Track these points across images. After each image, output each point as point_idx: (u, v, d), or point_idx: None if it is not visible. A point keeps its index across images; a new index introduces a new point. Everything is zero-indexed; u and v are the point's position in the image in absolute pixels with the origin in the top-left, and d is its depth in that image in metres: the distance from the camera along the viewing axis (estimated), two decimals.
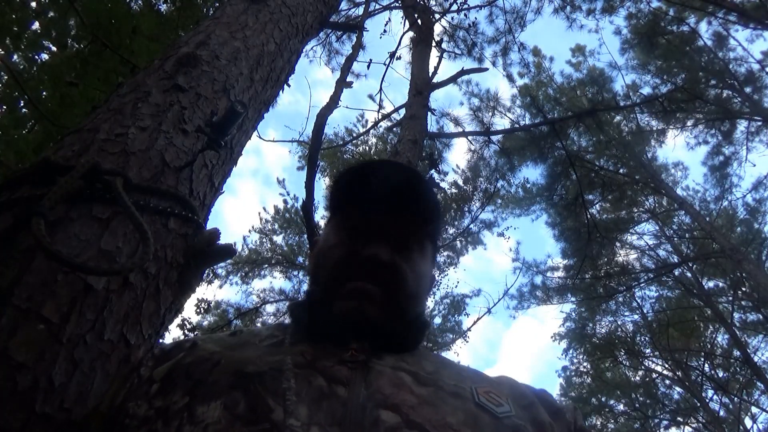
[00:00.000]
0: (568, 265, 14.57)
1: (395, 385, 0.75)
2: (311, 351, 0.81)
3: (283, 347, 0.83)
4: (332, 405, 0.70)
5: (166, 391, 0.76)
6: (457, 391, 0.77)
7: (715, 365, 15.09)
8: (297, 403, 0.69)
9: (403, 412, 0.70)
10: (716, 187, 14.35)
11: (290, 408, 0.67)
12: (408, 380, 0.77)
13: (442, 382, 0.79)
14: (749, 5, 10.71)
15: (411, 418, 0.69)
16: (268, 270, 13.65)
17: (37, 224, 0.89)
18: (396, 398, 0.72)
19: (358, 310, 0.84)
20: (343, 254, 0.91)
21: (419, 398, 0.73)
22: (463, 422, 0.71)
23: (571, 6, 10.14)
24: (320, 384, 0.73)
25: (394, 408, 0.70)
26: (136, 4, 5.25)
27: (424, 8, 9.11)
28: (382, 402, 0.71)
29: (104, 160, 1.26)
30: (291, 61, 2.41)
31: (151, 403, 0.75)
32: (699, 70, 12.76)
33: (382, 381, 0.75)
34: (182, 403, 0.72)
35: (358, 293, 0.86)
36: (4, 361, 0.88)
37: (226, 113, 1.38)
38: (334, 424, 0.67)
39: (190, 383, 0.75)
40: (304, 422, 0.66)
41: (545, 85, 14.15)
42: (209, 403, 0.70)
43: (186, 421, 0.69)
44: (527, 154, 10.42)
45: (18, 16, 4.14)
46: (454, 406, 0.74)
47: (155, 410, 0.73)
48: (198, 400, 0.71)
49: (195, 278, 1.37)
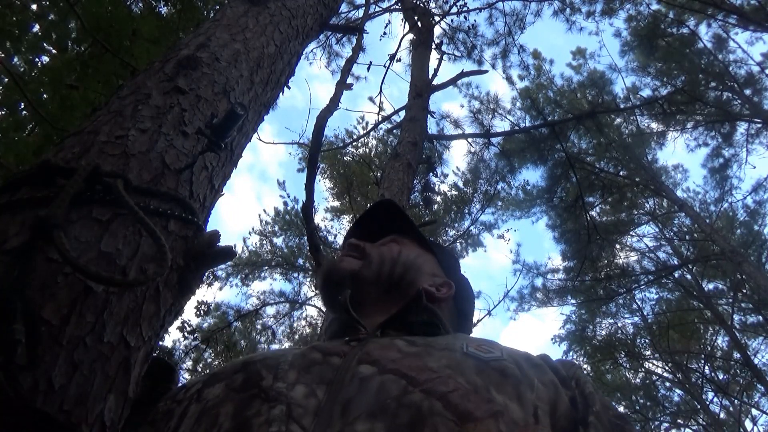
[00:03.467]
0: (568, 267, 14.56)
1: (384, 347, 0.77)
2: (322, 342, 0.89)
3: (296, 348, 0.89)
4: (323, 370, 0.73)
5: (189, 389, 0.84)
6: (446, 347, 0.78)
7: (715, 367, 15.08)
8: (287, 370, 0.73)
9: (380, 364, 0.71)
10: (716, 189, 14.35)
11: (280, 375, 0.72)
12: (400, 344, 0.79)
13: (435, 342, 0.80)
14: (749, 7, 10.72)
15: (387, 366, 0.70)
16: (268, 272, 13.68)
17: (59, 238, 0.90)
18: (378, 355, 0.74)
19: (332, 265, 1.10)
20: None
21: (404, 354, 0.75)
22: (446, 365, 0.71)
23: (571, 8, 10.16)
24: (315, 356, 0.78)
25: (373, 362, 0.72)
26: (136, 7, 5.26)
27: (424, 10, 9.13)
28: (364, 360, 0.73)
29: (104, 162, 1.26)
30: (291, 63, 2.41)
31: (175, 398, 0.84)
32: (699, 72, 12.76)
33: (372, 346, 0.78)
34: (195, 389, 0.80)
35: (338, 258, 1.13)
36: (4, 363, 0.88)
37: (226, 115, 1.39)
38: (321, 383, 0.70)
39: (208, 376, 0.83)
40: (290, 383, 0.70)
41: (545, 88, 14.15)
42: (214, 385, 0.77)
43: (194, 401, 0.76)
44: (527, 156, 10.41)
45: (18, 18, 4.15)
46: (438, 355, 0.74)
47: (176, 401, 0.82)
48: (207, 385, 0.79)
49: (195, 280, 1.37)
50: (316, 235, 3.72)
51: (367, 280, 1.04)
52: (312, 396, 0.67)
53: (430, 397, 0.64)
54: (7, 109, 4.37)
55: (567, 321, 16.90)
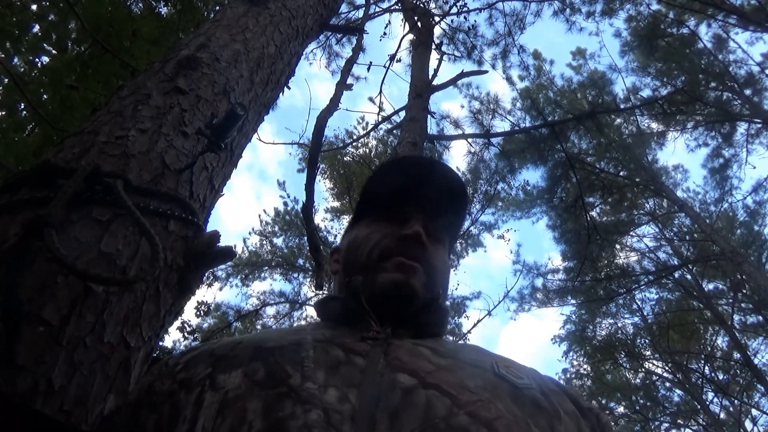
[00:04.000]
0: (568, 268, 14.55)
1: (413, 355, 0.76)
2: (332, 332, 0.84)
3: (305, 331, 0.85)
4: (350, 371, 0.71)
5: (189, 367, 0.79)
6: (476, 363, 0.77)
7: (715, 367, 15.07)
8: (314, 369, 0.71)
9: (420, 375, 0.70)
10: (716, 190, 14.34)
11: (308, 373, 0.69)
12: (426, 352, 0.78)
13: (461, 355, 0.80)
14: (749, 8, 10.72)
15: (428, 380, 0.69)
16: (268, 272, 13.68)
17: (50, 237, 0.90)
18: (413, 364, 0.72)
19: (406, 281, 0.89)
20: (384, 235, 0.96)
21: (437, 366, 0.73)
22: (482, 387, 0.70)
23: (571, 9, 10.16)
24: (338, 354, 0.75)
25: (411, 372, 0.70)
26: (136, 7, 5.26)
27: (424, 11, 9.13)
28: (399, 367, 0.71)
29: (104, 162, 1.26)
30: (291, 64, 2.41)
31: (174, 378, 0.78)
32: (699, 73, 12.75)
33: (399, 351, 0.76)
34: (204, 373, 0.75)
35: (404, 267, 0.91)
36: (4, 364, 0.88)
37: (226, 115, 1.39)
38: (351, 386, 0.68)
39: (213, 359, 0.78)
40: (320, 384, 0.68)
41: (545, 88, 14.14)
42: (230, 372, 0.73)
43: (207, 387, 0.72)
44: (527, 157, 10.41)
45: (18, 19, 4.14)
46: (472, 373, 0.73)
47: (178, 383, 0.76)
48: (219, 370, 0.74)
49: (195, 280, 1.37)
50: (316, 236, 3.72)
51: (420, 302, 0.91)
52: (345, 401, 0.65)
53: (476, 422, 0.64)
54: (7, 109, 4.37)
55: (567, 321, 16.92)
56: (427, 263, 0.93)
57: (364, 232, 1.00)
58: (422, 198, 1.02)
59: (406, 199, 1.02)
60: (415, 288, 0.89)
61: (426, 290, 0.91)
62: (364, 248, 0.96)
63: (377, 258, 0.93)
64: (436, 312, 0.93)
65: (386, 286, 0.89)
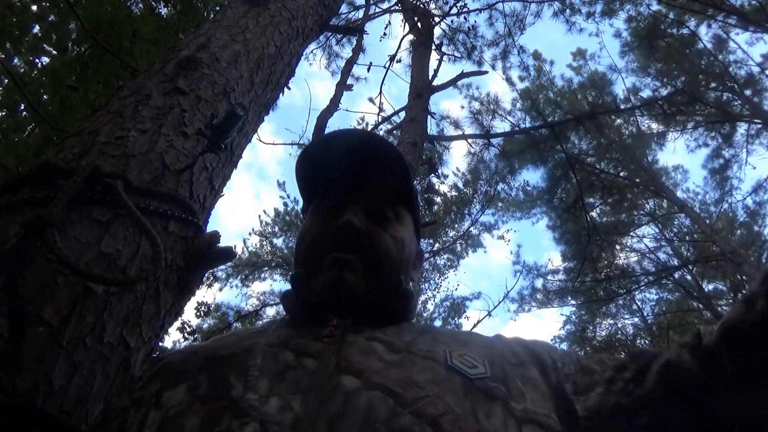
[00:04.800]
0: (569, 268, 14.56)
1: (364, 353, 0.73)
2: (289, 333, 0.81)
3: (263, 333, 0.82)
4: (297, 376, 0.69)
5: (147, 384, 0.77)
6: (428, 355, 0.74)
7: None
8: (258, 377, 0.68)
9: (365, 376, 0.68)
10: (716, 190, 14.34)
11: (251, 383, 0.67)
12: (379, 348, 0.75)
13: (416, 348, 0.76)
14: (749, 8, 10.72)
15: (372, 380, 0.67)
16: (268, 273, 13.67)
17: (52, 236, 0.89)
18: (361, 364, 0.70)
19: (339, 279, 0.84)
20: (319, 229, 0.93)
21: (387, 363, 0.71)
22: (432, 380, 0.68)
23: (571, 9, 10.15)
24: (287, 359, 0.72)
25: (357, 373, 0.68)
26: (136, 8, 5.26)
27: (424, 11, 9.12)
28: (345, 368, 0.69)
29: (104, 162, 1.26)
30: (291, 64, 2.41)
31: (131, 394, 0.76)
32: (699, 73, 12.76)
33: (351, 350, 0.74)
34: (154, 390, 0.73)
35: (337, 263, 0.86)
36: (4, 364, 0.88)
37: (226, 116, 1.39)
38: (296, 393, 0.65)
39: (164, 374, 0.76)
40: (262, 395, 0.65)
41: (545, 89, 14.15)
42: (175, 387, 0.71)
43: (153, 406, 0.70)
44: (527, 157, 10.40)
45: (18, 19, 4.15)
46: (422, 366, 0.71)
47: (132, 400, 0.74)
48: (166, 386, 0.72)
49: (195, 281, 1.37)
50: None
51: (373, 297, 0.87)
52: (287, 409, 0.63)
53: (420, 421, 0.62)
54: (7, 110, 4.37)
55: (567, 322, 16.93)
56: (370, 249, 0.88)
57: (306, 224, 0.97)
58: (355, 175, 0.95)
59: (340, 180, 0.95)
60: (350, 284, 0.84)
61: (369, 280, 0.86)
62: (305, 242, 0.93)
63: (313, 259, 0.90)
64: (401, 299, 0.91)
65: (321, 289, 0.85)
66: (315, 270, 0.88)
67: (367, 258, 0.87)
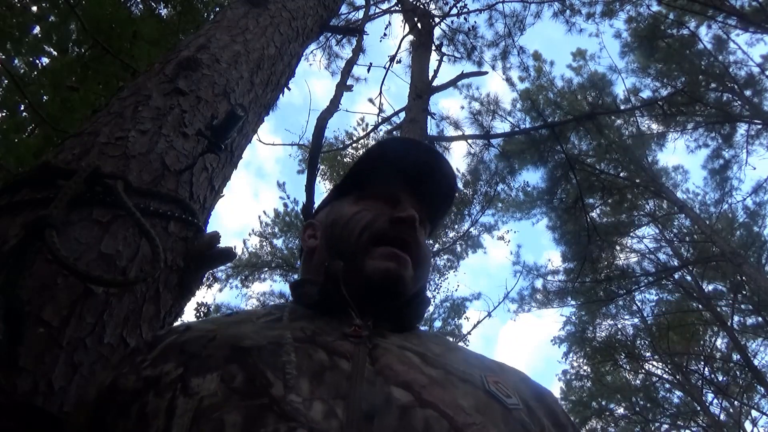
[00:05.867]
0: (569, 269, 14.55)
1: (404, 363, 0.71)
2: (311, 327, 0.78)
3: (281, 323, 0.80)
4: (335, 378, 0.66)
5: (157, 362, 0.71)
6: (466, 377, 0.73)
7: (715, 369, 15.06)
8: (297, 377, 0.65)
9: (415, 390, 0.66)
10: (716, 191, 14.34)
11: (291, 382, 0.64)
12: (416, 360, 0.74)
13: (451, 366, 0.75)
14: (749, 9, 10.73)
15: (424, 396, 0.65)
16: (268, 273, 13.66)
17: (51, 237, 0.89)
18: (407, 376, 0.68)
19: (397, 272, 0.85)
20: (376, 214, 0.92)
21: (430, 378, 0.70)
22: (474, 407, 0.67)
23: (571, 10, 10.16)
24: (322, 358, 0.69)
25: (406, 386, 0.66)
26: (137, 9, 5.26)
27: (424, 12, 9.13)
28: (392, 378, 0.67)
29: (105, 163, 1.27)
30: (291, 65, 2.41)
31: (139, 373, 0.70)
32: (699, 74, 12.76)
33: (389, 357, 0.72)
34: (175, 374, 0.67)
35: (397, 257, 0.87)
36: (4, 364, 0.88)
37: (226, 117, 1.39)
38: (338, 398, 0.63)
39: (184, 357, 0.70)
40: (305, 397, 0.62)
41: (545, 89, 14.15)
42: (205, 375, 0.66)
43: (180, 392, 0.64)
44: (527, 158, 10.40)
45: (19, 20, 4.15)
46: (464, 390, 0.70)
47: (144, 380, 0.69)
48: (192, 372, 0.67)
49: (195, 281, 1.37)
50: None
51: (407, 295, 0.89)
52: (332, 416, 0.60)
53: None
54: (7, 110, 4.37)
55: (567, 322, 16.92)
56: (416, 253, 0.90)
57: (352, 209, 0.94)
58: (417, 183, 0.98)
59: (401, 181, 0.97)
60: (406, 280, 0.86)
61: (413, 283, 0.89)
62: (354, 227, 0.90)
63: (367, 241, 0.88)
64: (421, 304, 0.91)
65: (376, 276, 0.84)
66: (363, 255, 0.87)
67: (414, 259, 0.89)
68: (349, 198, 0.99)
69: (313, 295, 0.88)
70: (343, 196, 1.01)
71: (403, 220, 0.89)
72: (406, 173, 0.98)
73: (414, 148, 1.03)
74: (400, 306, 0.87)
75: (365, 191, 0.98)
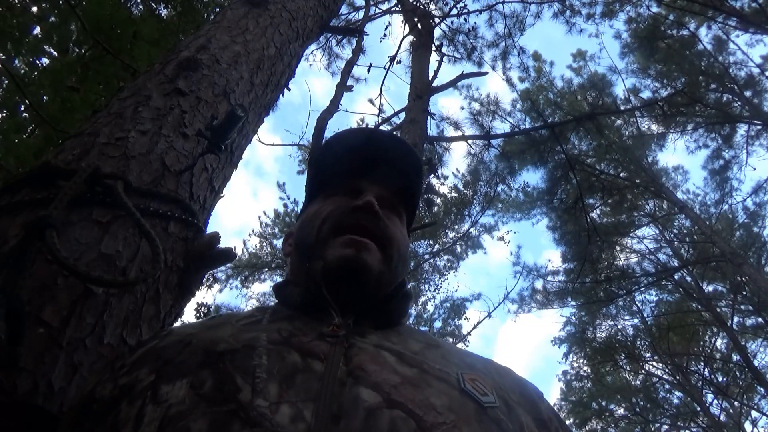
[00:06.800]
0: (569, 269, 14.55)
1: (377, 363, 0.71)
2: (289, 328, 0.77)
3: (260, 326, 0.80)
4: (307, 380, 0.66)
5: (133, 369, 0.71)
6: (442, 375, 0.73)
7: (715, 369, 15.06)
8: (267, 380, 0.64)
9: (384, 391, 0.65)
10: (716, 191, 14.34)
11: (259, 386, 0.63)
12: (391, 359, 0.73)
13: (427, 364, 0.75)
14: (749, 10, 10.73)
15: (393, 397, 0.65)
16: (268, 274, 13.65)
17: (51, 238, 0.89)
18: (378, 377, 0.68)
19: (357, 256, 0.85)
20: (335, 207, 0.93)
21: (402, 378, 0.69)
22: (447, 406, 0.67)
23: (571, 10, 10.16)
24: (294, 360, 0.69)
25: (375, 386, 0.66)
26: (137, 9, 5.27)
27: (424, 12, 9.13)
28: (363, 379, 0.67)
29: (105, 163, 1.27)
30: (291, 65, 2.41)
31: (116, 381, 0.70)
32: (699, 74, 12.75)
33: (363, 357, 0.72)
34: (147, 381, 0.67)
35: (355, 242, 0.86)
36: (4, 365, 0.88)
37: (226, 117, 1.39)
38: (308, 400, 0.62)
39: (159, 363, 0.70)
40: (272, 401, 0.61)
41: (545, 90, 14.15)
42: (175, 382, 0.65)
43: (149, 400, 0.64)
44: (527, 158, 10.40)
45: (19, 20, 4.15)
46: (438, 389, 0.70)
47: (120, 388, 0.69)
48: (163, 379, 0.66)
49: (195, 282, 1.37)
50: None
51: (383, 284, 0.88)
52: (299, 419, 0.60)
53: None
54: (7, 110, 4.37)
55: (567, 323, 16.92)
56: (382, 236, 0.89)
57: (315, 207, 0.97)
58: (374, 169, 0.99)
59: (357, 172, 0.98)
60: (367, 262, 0.85)
61: (383, 264, 0.87)
62: (315, 222, 0.92)
63: (327, 232, 0.89)
64: (403, 299, 0.91)
65: (334, 264, 0.84)
66: (324, 246, 0.88)
67: (380, 243, 0.89)
68: (317, 200, 1.01)
69: (294, 296, 0.89)
70: (313, 200, 1.03)
71: (360, 207, 0.90)
72: (361, 162, 0.99)
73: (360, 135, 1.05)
74: (380, 302, 0.87)
75: (330, 190, 1.00)
